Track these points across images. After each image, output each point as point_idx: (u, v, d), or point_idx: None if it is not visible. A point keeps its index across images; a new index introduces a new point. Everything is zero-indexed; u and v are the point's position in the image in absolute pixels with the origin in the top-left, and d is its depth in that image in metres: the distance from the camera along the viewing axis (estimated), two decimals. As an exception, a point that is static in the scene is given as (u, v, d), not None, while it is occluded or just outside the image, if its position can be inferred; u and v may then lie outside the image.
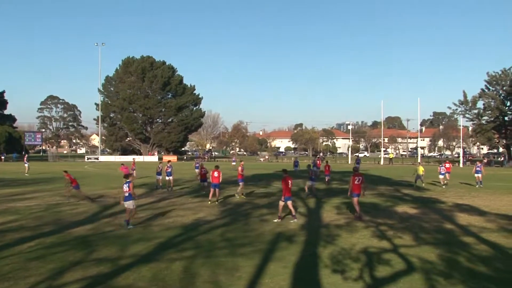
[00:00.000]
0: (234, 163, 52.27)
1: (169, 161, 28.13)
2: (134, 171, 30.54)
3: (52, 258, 9.12)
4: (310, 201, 18.97)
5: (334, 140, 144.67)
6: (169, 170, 24.19)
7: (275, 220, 13.85)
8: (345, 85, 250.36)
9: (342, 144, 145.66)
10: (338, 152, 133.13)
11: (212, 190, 18.36)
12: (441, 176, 27.67)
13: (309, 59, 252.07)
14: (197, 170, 30.66)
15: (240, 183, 21.32)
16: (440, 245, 10.60)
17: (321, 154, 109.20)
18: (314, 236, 11.69)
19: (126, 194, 12.71)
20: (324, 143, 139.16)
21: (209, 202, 18.03)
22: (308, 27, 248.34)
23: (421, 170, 26.80)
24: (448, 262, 9.05)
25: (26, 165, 39.82)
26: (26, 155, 50.64)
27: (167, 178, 24.21)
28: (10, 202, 18.20)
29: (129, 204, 12.67)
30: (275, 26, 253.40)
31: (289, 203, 13.88)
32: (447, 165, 29.61)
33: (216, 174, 18.26)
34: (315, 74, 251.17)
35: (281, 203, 14.06)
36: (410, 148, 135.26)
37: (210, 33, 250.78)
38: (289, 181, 13.91)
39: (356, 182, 14.69)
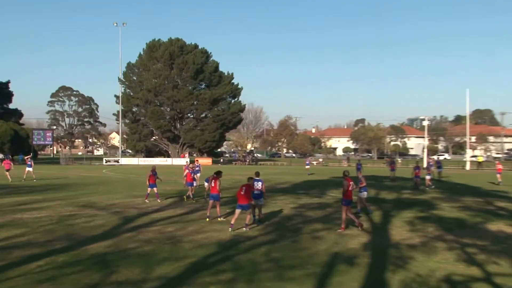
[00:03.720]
0: (308, 166, 52.83)
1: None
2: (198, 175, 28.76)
3: (64, 280, 9.34)
4: (375, 215, 18.64)
5: (405, 139, 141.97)
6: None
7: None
8: (419, 71, 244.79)
9: (416, 144, 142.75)
10: (410, 153, 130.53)
11: (211, 202, 17.23)
12: None
13: (377, 39, 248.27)
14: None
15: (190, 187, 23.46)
16: (546, 273, 10.13)
17: (391, 157, 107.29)
18: (381, 258, 11.52)
19: (258, 192, 15.75)
20: (392, 143, 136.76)
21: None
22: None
23: None
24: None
25: (28, 169, 38.15)
26: (28, 156, 47.84)
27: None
28: (16, 213, 18.66)
29: (257, 201, 15.83)
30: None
31: (237, 211, 14.93)
32: (499, 166, 38.79)
33: (213, 183, 17.02)
34: (381, 58, 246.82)
35: (237, 211, 15.09)
36: (506, 149, 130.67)
37: (251, 10, 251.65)
38: (243, 188, 14.87)
39: (350, 188, 15.00)
